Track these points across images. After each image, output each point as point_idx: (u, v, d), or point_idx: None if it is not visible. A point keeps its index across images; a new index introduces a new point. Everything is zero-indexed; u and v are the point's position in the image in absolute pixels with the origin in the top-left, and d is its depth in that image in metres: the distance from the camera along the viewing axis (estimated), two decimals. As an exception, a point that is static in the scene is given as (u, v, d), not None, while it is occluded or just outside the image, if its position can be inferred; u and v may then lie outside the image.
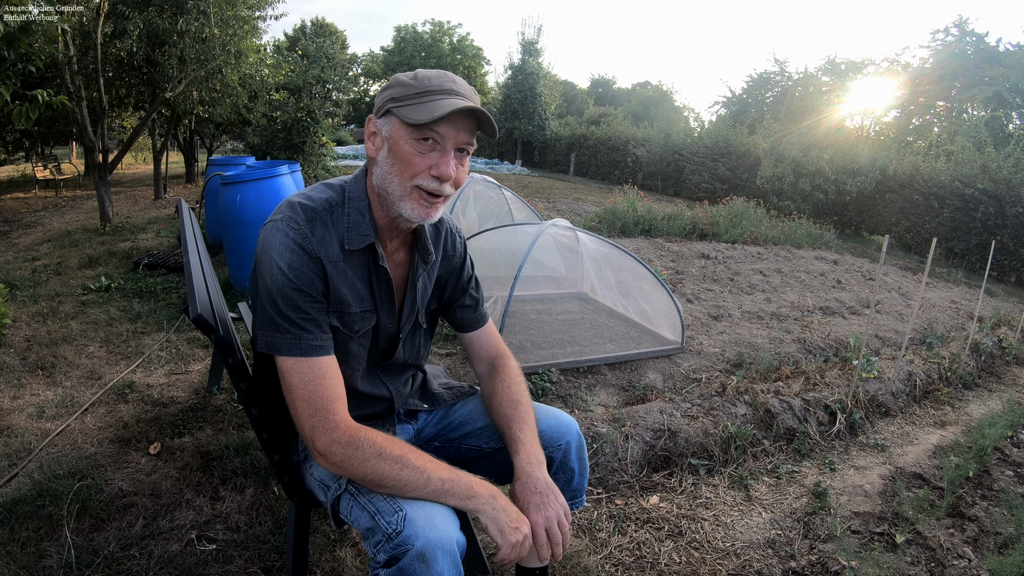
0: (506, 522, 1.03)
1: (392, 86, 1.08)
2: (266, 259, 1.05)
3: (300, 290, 1.05)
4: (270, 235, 1.06)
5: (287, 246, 1.04)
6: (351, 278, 1.13)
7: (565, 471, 1.31)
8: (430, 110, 1.02)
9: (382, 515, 0.99)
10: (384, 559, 0.96)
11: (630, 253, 3.73)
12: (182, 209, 2.17)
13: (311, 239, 1.06)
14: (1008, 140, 11.92)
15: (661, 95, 33.61)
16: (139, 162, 18.16)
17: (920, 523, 2.03)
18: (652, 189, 17.07)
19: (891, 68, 18.43)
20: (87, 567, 1.53)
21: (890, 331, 4.56)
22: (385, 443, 1.04)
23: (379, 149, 1.10)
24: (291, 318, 1.05)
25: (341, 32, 35.69)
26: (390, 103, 1.07)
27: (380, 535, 0.98)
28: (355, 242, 1.11)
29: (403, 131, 1.05)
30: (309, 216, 1.08)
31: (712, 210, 8.76)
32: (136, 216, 7.53)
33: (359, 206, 1.13)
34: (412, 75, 1.08)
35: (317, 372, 1.05)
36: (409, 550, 0.94)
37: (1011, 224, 9.09)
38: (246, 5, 7.64)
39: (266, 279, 1.05)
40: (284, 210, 1.09)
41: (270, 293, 1.05)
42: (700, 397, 2.75)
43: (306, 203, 1.09)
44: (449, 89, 1.06)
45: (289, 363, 1.05)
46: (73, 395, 2.49)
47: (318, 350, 1.06)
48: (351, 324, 1.14)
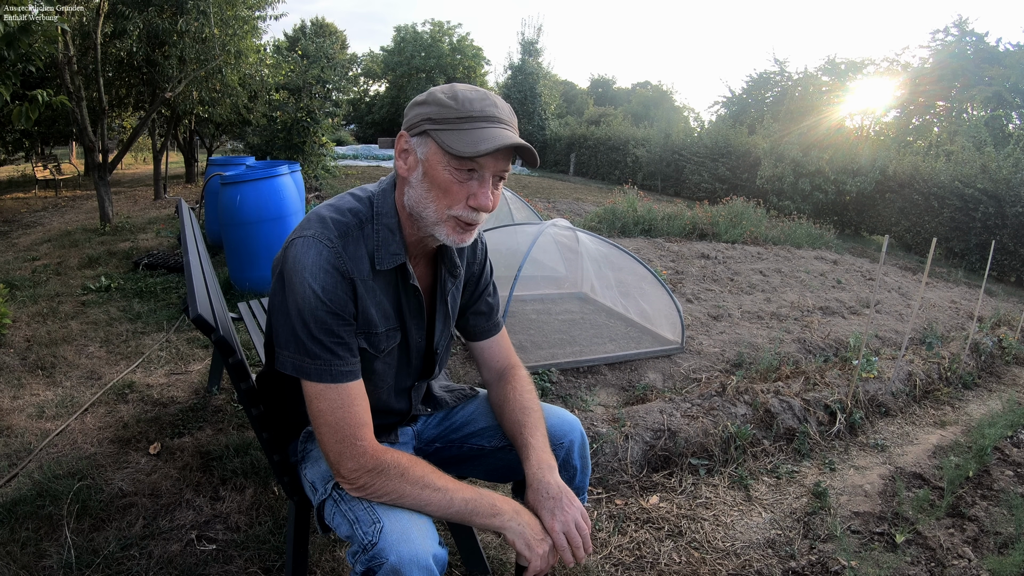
0: (532, 536, 1.03)
1: (429, 103, 1.02)
2: (298, 279, 0.99)
3: (334, 313, 1.01)
4: (302, 252, 1.00)
5: (322, 267, 1.00)
6: (379, 296, 1.09)
7: (567, 469, 1.31)
8: (474, 141, 0.98)
9: (360, 524, 0.98)
10: (360, 571, 0.95)
11: (630, 253, 3.73)
12: (182, 209, 2.17)
13: (344, 258, 1.02)
14: (1008, 140, 11.92)
15: (661, 95, 33.61)
16: (139, 162, 18.16)
17: (920, 523, 2.03)
18: (652, 189, 17.07)
19: (891, 68, 18.43)
20: (87, 567, 1.53)
21: (890, 331, 4.56)
22: (408, 464, 1.03)
23: (412, 170, 1.05)
24: (323, 342, 1.01)
25: (341, 32, 35.72)
26: (427, 124, 1.01)
27: (357, 545, 0.97)
28: (385, 262, 1.07)
29: (441, 157, 1.00)
30: (342, 232, 1.03)
31: (712, 210, 8.77)
32: (136, 216, 7.53)
33: (389, 223, 1.08)
34: (452, 95, 1.01)
35: (346, 399, 1.02)
36: (383, 563, 0.92)
37: (1011, 224, 9.09)
38: (246, 5, 7.64)
39: (297, 300, 0.99)
40: (315, 225, 1.03)
41: (301, 315, 1.00)
42: (700, 397, 2.75)
43: (338, 218, 1.05)
44: (492, 116, 1.01)
45: (318, 388, 1.02)
46: (73, 395, 2.49)
47: (348, 375, 1.03)
48: (377, 344, 1.12)
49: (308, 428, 1.28)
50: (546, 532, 1.05)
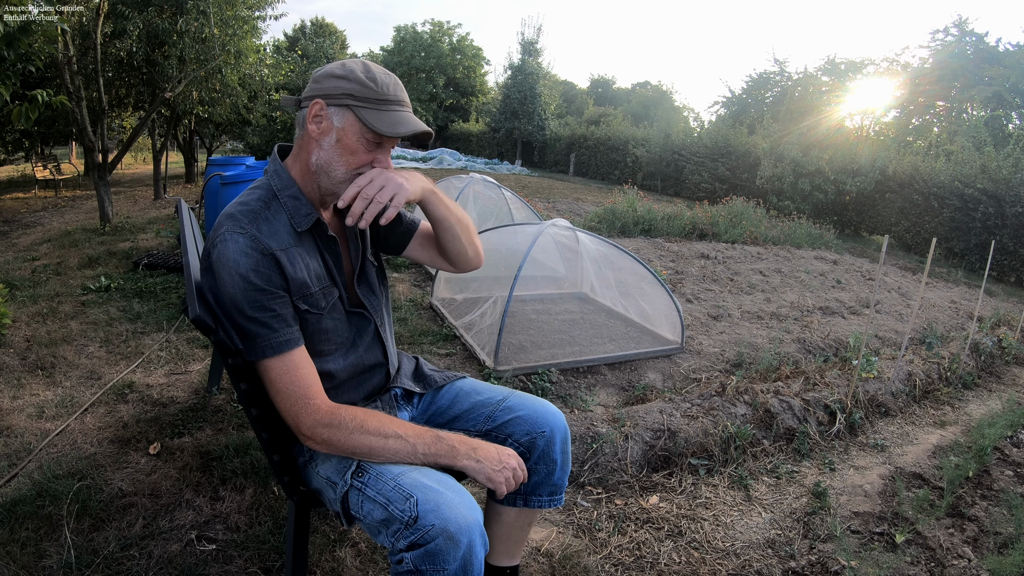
0: (491, 468, 1.13)
1: (350, 80, 1.14)
2: (224, 271, 1.08)
3: (262, 290, 1.09)
4: (222, 249, 1.09)
5: (240, 251, 1.08)
6: (305, 260, 1.18)
7: (547, 462, 1.33)
8: (392, 123, 1.15)
9: (393, 503, 1.04)
10: (405, 546, 1.00)
11: (630, 253, 3.73)
12: (181, 209, 2.17)
13: (260, 238, 1.11)
14: (1008, 140, 11.92)
15: (661, 95, 33.61)
16: (139, 162, 18.16)
17: (920, 523, 2.03)
18: (652, 189, 17.07)
19: (891, 68, 18.41)
20: (87, 567, 1.53)
21: (890, 331, 4.56)
22: (364, 416, 1.12)
23: (325, 134, 1.16)
24: (258, 319, 1.09)
25: (341, 32, 35.67)
26: (349, 99, 1.13)
27: (397, 524, 1.02)
28: (302, 223, 1.18)
29: (359, 129, 1.15)
30: (251, 217, 1.13)
31: (712, 210, 8.76)
32: (136, 216, 7.53)
33: (291, 193, 1.19)
34: (371, 76, 1.15)
35: (291, 365, 1.11)
36: (430, 530, 0.99)
37: (1011, 224, 9.09)
38: (246, 5, 7.63)
39: (228, 290, 1.09)
40: (225, 223, 1.12)
41: (234, 302, 1.09)
42: (700, 397, 2.75)
43: (243, 208, 1.14)
44: (401, 100, 1.18)
45: (265, 365, 1.11)
46: (73, 395, 2.48)
47: (288, 344, 1.12)
48: (317, 302, 1.19)
49: None
50: (504, 457, 1.15)
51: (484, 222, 5.34)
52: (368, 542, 1.73)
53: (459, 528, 0.99)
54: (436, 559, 0.98)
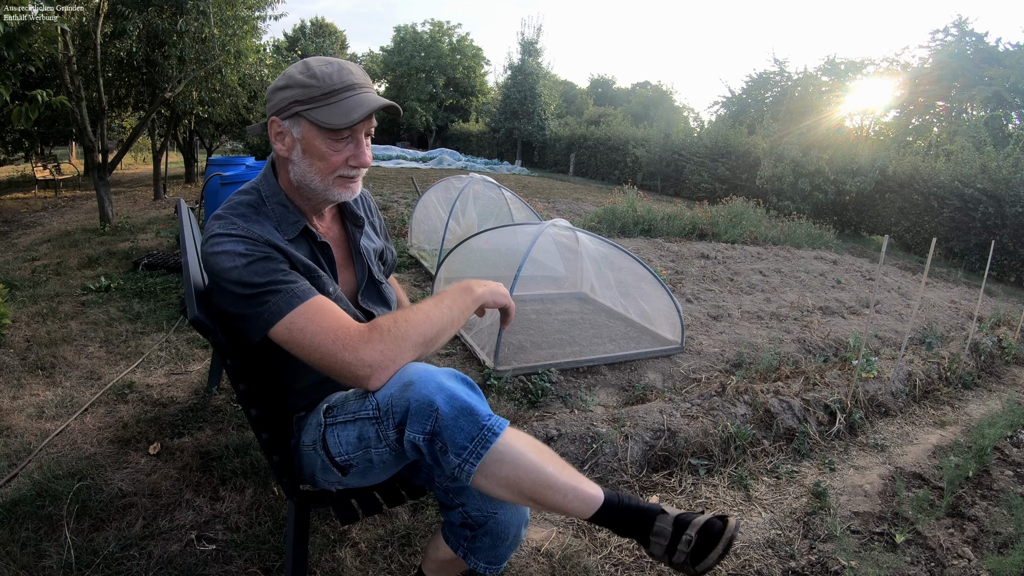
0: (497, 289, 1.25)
1: (291, 87, 1.09)
2: (224, 265, 1.04)
3: (263, 258, 1.06)
4: (218, 249, 1.06)
5: (234, 242, 1.06)
6: (301, 259, 1.16)
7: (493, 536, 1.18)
8: (345, 112, 1.07)
9: (359, 412, 1.04)
10: (394, 432, 0.99)
11: (630, 253, 3.73)
12: (181, 209, 2.16)
13: (253, 230, 1.09)
14: (1008, 140, 11.93)
15: (661, 95, 33.60)
16: (139, 162, 18.15)
17: (920, 523, 2.03)
18: (652, 189, 17.07)
19: (891, 68, 18.42)
20: (87, 567, 1.53)
21: (890, 331, 4.56)
22: (395, 315, 1.09)
23: (291, 149, 1.13)
24: (271, 281, 1.05)
25: (341, 32, 35.74)
26: (296, 106, 1.08)
27: (371, 424, 1.01)
28: (289, 231, 1.15)
29: (317, 133, 1.09)
30: (242, 215, 1.11)
31: (712, 210, 8.77)
32: (136, 216, 7.53)
33: (280, 200, 1.17)
34: (309, 73, 1.08)
35: (317, 310, 1.04)
36: (399, 401, 0.98)
37: (1011, 224, 9.09)
38: (246, 5, 7.63)
39: (230, 275, 1.04)
40: (215, 226, 1.09)
41: (240, 280, 1.04)
42: (700, 397, 2.75)
43: (234, 209, 1.12)
44: (351, 83, 1.09)
45: (287, 322, 1.03)
46: (73, 395, 2.48)
47: (307, 293, 1.06)
48: (324, 287, 1.17)
49: (297, 415, 1.30)
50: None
51: (484, 222, 5.34)
52: (368, 542, 1.73)
53: (419, 377, 0.98)
54: (422, 413, 0.96)
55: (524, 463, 0.98)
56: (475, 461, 0.96)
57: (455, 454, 0.96)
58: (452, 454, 0.96)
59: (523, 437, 1.03)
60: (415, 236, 5.68)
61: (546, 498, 1.01)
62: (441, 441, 0.96)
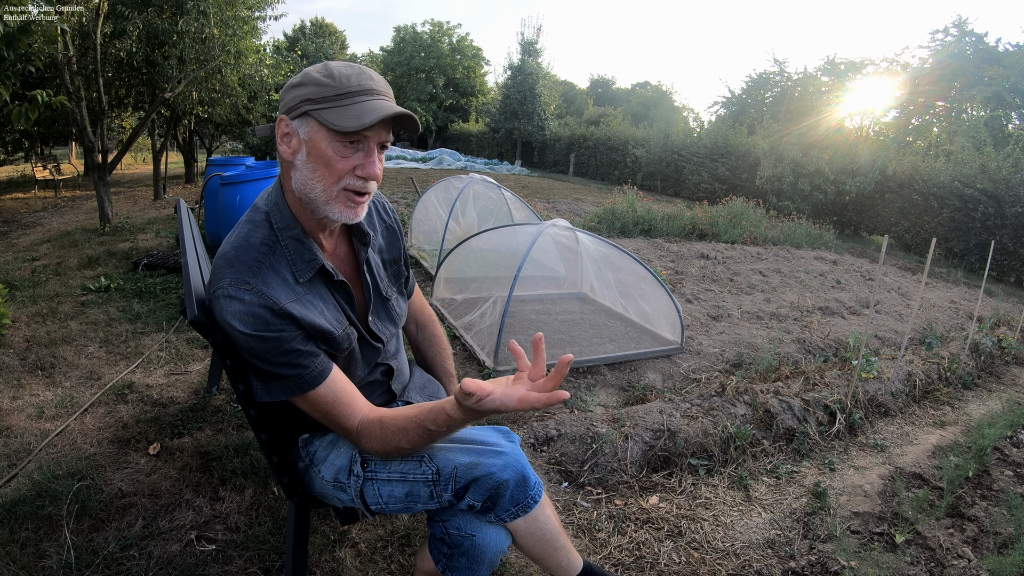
0: (503, 399, 0.98)
1: (306, 84, 1.03)
2: (237, 333, 1.02)
3: (278, 338, 1.04)
4: (228, 308, 1.01)
5: (247, 312, 1.01)
6: (319, 306, 1.11)
7: None
8: (357, 115, 0.99)
9: (411, 473, 1.10)
10: (451, 495, 1.08)
11: (630, 253, 3.73)
12: (181, 209, 2.16)
13: (267, 292, 1.03)
14: (1007, 140, 11.93)
15: (660, 95, 33.62)
16: (139, 162, 18.14)
17: (920, 523, 2.03)
18: (652, 189, 17.07)
19: (890, 68, 18.41)
20: (87, 567, 1.53)
21: (890, 331, 4.56)
22: (381, 416, 1.12)
23: (296, 152, 1.05)
24: (286, 363, 1.06)
25: (341, 32, 35.70)
26: (307, 104, 1.02)
27: (425, 486, 1.09)
28: (304, 271, 1.09)
29: (325, 135, 1.02)
30: (254, 267, 1.04)
31: (711, 210, 8.77)
32: (135, 216, 7.53)
33: (293, 233, 1.09)
34: (326, 72, 1.02)
35: (328, 398, 1.10)
36: (459, 468, 1.06)
37: (1010, 224, 9.09)
38: (246, 5, 7.63)
39: (239, 341, 1.05)
40: (226, 272, 1.03)
41: (251, 350, 1.05)
42: (700, 397, 2.75)
43: (246, 255, 1.04)
44: (369, 89, 1.03)
45: (300, 400, 1.11)
46: (73, 395, 2.48)
47: (319, 377, 1.09)
48: (339, 345, 1.14)
49: (304, 435, 1.32)
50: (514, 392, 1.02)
51: (484, 222, 5.35)
52: (368, 542, 1.73)
53: (483, 456, 1.09)
54: (487, 485, 1.06)
55: (549, 529, 1.21)
56: (509, 520, 1.13)
57: (495, 514, 1.11)
58: (493, 514, 1.11)
59: (550, 505, 1.23)
60: (415, 236, 5.68)
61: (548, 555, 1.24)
62: (492, 503, 1.09)
